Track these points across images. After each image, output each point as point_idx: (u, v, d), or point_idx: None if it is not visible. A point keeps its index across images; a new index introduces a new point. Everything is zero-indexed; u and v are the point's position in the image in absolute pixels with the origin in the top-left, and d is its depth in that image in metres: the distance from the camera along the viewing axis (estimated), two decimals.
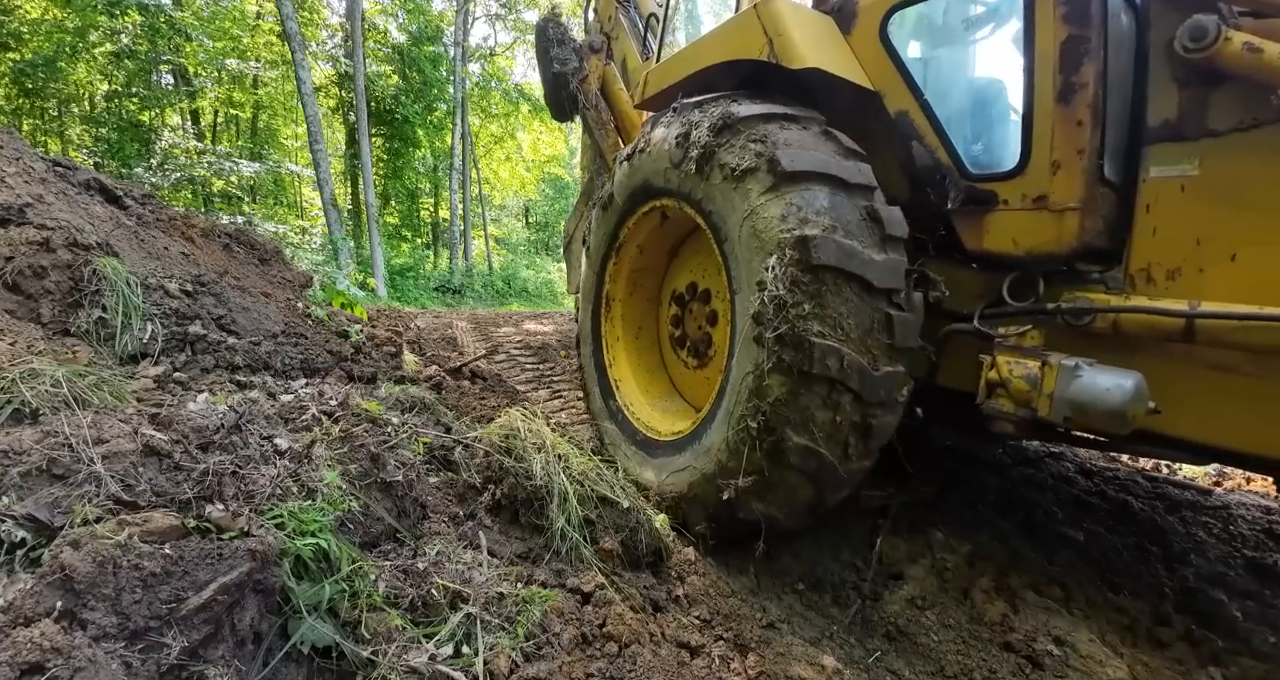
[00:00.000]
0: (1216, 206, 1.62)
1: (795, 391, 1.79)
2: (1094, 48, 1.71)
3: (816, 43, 2.08)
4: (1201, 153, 1.64)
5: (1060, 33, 1.74)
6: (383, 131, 20.94)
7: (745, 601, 1.96)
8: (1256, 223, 1.54)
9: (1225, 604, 2.07)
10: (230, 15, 16.73)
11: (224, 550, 1.13)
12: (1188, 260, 1.67)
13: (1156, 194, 1.71)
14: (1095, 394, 1.60)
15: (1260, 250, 1.54)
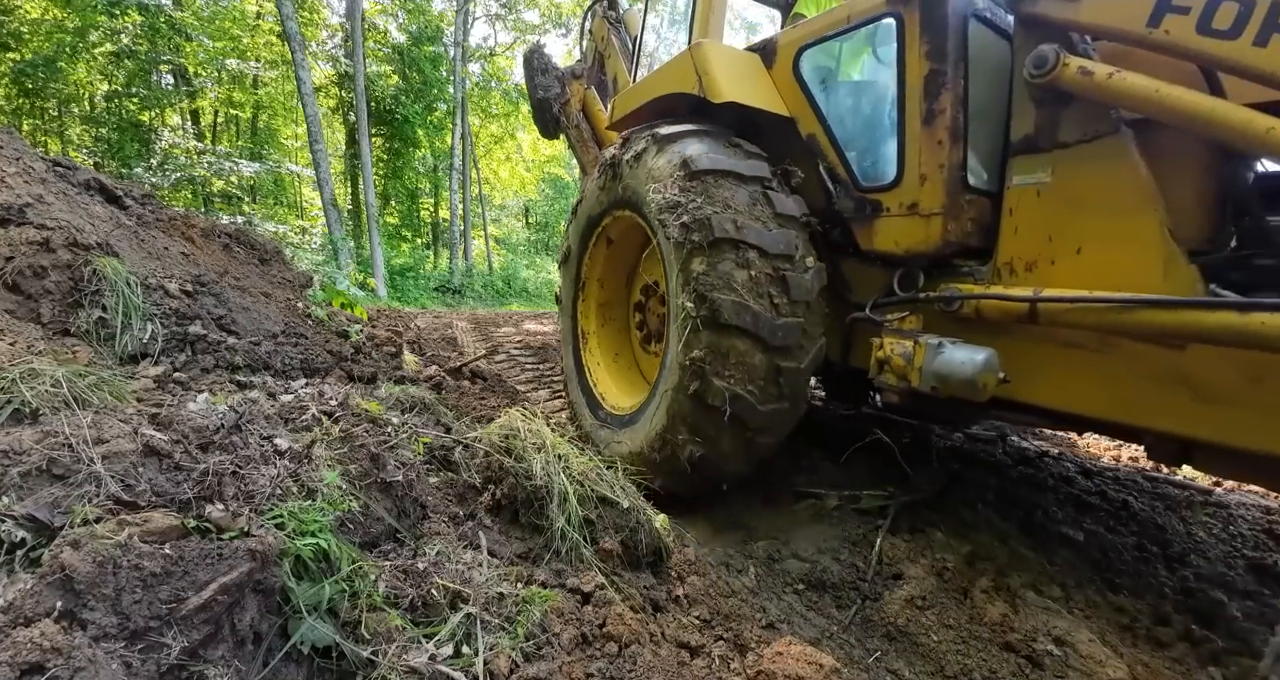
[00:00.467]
0: (1065, 208, 1.88)
1: (711, 342, 2.14)
2: (951, 80, 2.03)
3: (738, 79, 2.48)
4: (1054, 163, 1.90)
5: (923, 68, 2.07)
6: (383, 131, 20.95)
7: (745, 601, 1.96)
8: (1096, 221, 1.81)
9: (1225, 604, 2.07)
10: (230, 15, 16.74)
11: (224, 550, 1.13)
12: (1042, 254, 1.94)
13: (1018, 199, 1.99)
14: (953, 367, 1.89)
15: (1099, 244, 1.80)
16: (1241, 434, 1.56)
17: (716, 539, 2.44)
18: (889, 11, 2.17)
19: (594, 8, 4.53)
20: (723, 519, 2.61)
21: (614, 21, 4.38)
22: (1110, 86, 1.67)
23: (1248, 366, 1.52)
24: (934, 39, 2.06)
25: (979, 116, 2.12)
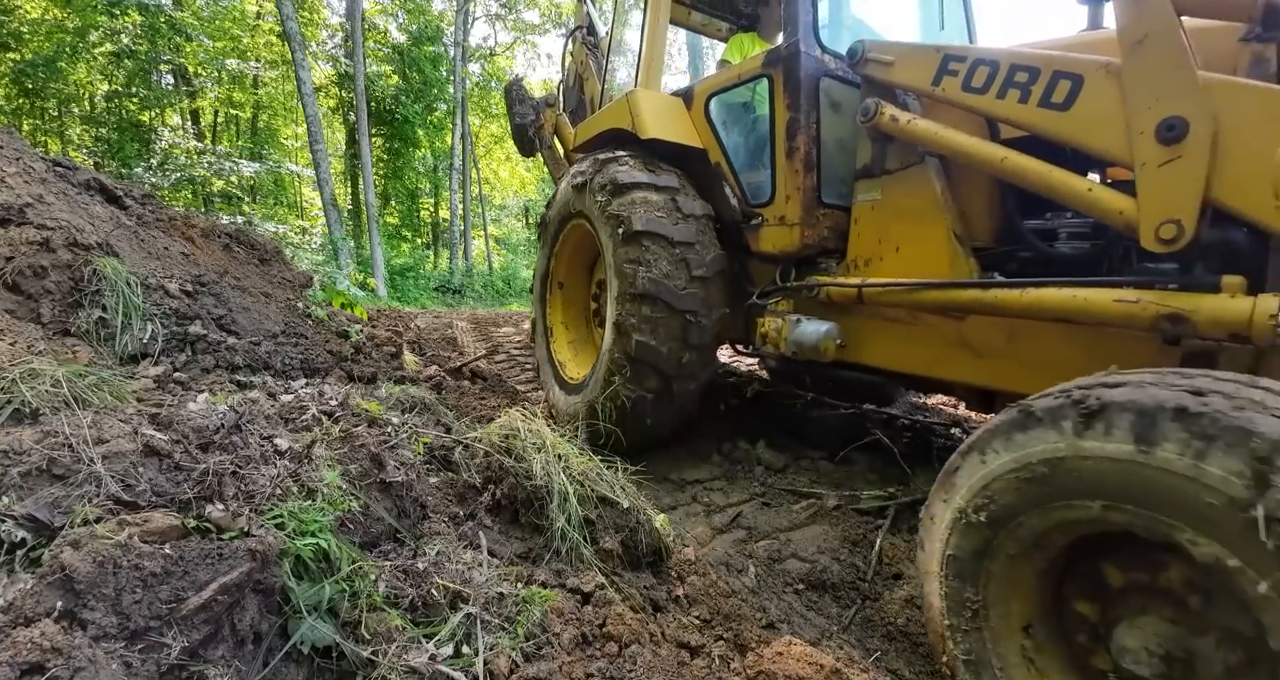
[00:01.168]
0: (889, 218, 2.46)
1: (632, 308, 2.75)
2: (805, 124, 2.63)
3: (661, 120, 3.13)
4: (882, 185, 2.48)
5: (785, 116, 2.68)
6: (383, 131, 20.95)
7: (745, 601, 1.96)
8: (908, 227, 2.38)
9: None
10: (230, 15, 16.74)
11: (224, 550, 1.13)
12: (875, 253, 2.52)
13: (859, 212, 2.58)
14: (805, 336, 2.56)
15: (910, 244, 2.37)
16: (1005, 379, 2.10)
17: (716, 539, 2.45)
18: (763, 72, 2.79)
19: (575, 33, 5.02)
20: (723, 519, 2.61)
21: (592, 46, 4.85)
22: (909, 129, 2.26)
23: (1005, 329, 2.07)
24: (792, 95, 2.65)
25: (837, 149, 2.72)
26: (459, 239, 21.75)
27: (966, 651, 1.36)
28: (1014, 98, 1.94)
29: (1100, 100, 1.76)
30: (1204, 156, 1.53)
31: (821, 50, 2.69)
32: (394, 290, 16.08)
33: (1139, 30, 1.63)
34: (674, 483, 2.99)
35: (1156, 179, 1.62)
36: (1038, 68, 1.90)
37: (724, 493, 2.88)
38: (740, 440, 3.39)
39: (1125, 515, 1.09)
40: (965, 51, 2.11)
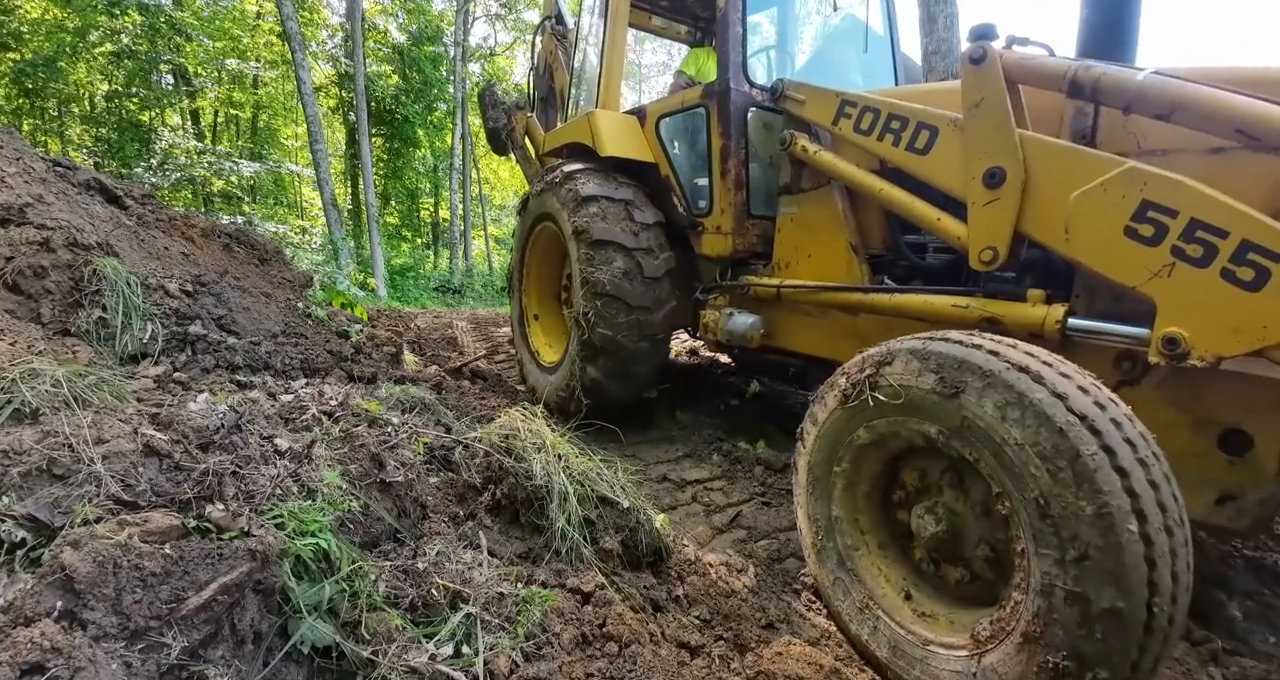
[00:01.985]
0: (803, 229, 2.91)
1: (593, 304, 3.18)
2: (734, 150, 3.07)
3: (617, 138, 3.54)
4: (799, 201, 2.92)
5: (719, 142, 3.11)
6: (383, 131, 20.94)
7: (745, 601, 1.96)
8: (816, 238, 2.82)
9: (1225, 604, 2.07)
10: (230, 15, 16.74)
11: (224, 550, 1.13)
12: (793, 258, 2.96)
13: (782, 223, 3.02)
14: (734, 326, 3.06)
15: (818, 252, 2.82)
16: None
17: (716, 539, 2.45)
18: (701, 103, 3.24)
19: (544, 24, 5.24)
20: (723, 519, 2.61)
21: (561, 37, 5.03)
22: (815, 159, 2.72)
23: (885, 323, 2.43)
24: (724, 125, 3.07)
25: (765, 168, 3.16)
26: (459, 239, 21.75)
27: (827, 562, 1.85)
28: (889, 140, 2.35)
29: (949, 149, 2.15)
30: (1016, 198, 1.91)
31: (750, 85, 3.11)
32: (394, 290, 16.08)
33: (976, 95, 2.01)
34: (674, 483, 2.99)
35: (981, 215, 2.01)
36: (907, 118, 2.30)
37: (724, 493, 2.88)
38: (740, 440, 3.39)
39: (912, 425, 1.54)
40: (857, 98, 2.51)
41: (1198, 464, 1.68)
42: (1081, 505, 1.22)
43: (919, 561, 1.72)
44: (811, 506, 1.87)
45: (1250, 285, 1.46)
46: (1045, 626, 1.28)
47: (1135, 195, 1.65)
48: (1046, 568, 1.28)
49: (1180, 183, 1.60)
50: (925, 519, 1.63)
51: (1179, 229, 1.58)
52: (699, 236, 3.36)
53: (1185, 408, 1.71)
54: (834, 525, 1.82)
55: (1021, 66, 1.97)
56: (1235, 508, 1.63)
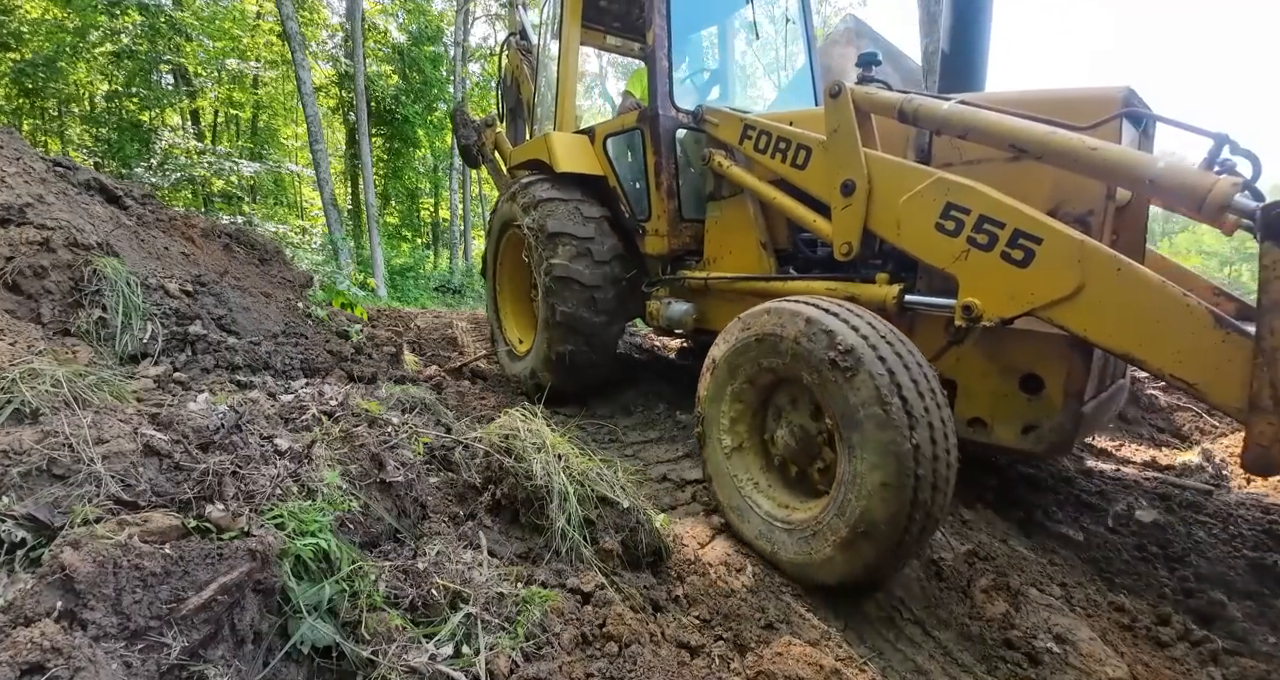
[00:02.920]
0: (725, 230, 3.45)
1: (553, 287, 3.68)
2: (665, 165, 3.63)
3: (571, 155, 4.02)
4: (721, 206, 3.46)
5: (653, 159, 3.66)
6: (383, 131, 20.92)
7: (745, 601, 1.96)
8: (734, 237, 3.36)
9: (1225, 604, 2.07)
10: (230, 15, 16.73)
11: (224, 550, 1.13)
12: (718, 254, 3.50)
13: (709, 225, 3.57)
14: (672, 313, 3.60)
15: (736, 249, 3.35)
16: None
17: (716, 539, 2.44)
18: (636, 126, 3.78)
19: (509, 39, 5.68)
20: (723, 519, 2.61)
21: (525, 51, 5.46)
22: (728, 172, 3.25)
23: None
24: (656, 145, 3.62)
25: (695, 178, 3.72)
26: (459, 239, 21.74)
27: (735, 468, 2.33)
28: (779, 158, 2.86)
29: (819, 165, 2.65)
30: (864, 203, 2.41)
31: (676, 110, 3.62)
32: (394, 290, 16.06)
33: (834, 122, 2.52)
34: (674, 483, 2.99)
35: (839, 217, 2.51)
36: (790, 140, 2.79)
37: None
38: None
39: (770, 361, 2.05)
40: (755, 122, 3.01)
41: (1007, 403, 2.20)
42: (856, 392, 1.74)
43: (779, 467, 2.27)
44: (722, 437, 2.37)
45: (1021, 263, 1.92)
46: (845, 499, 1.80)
47: (942, 198, 2.12)
48: (846, 452, 1.79)
49: (972, 188, 2.05)
50: (783, 433, 2.16)
51: (971, 223, 2.03)
52: (643, 238, 3.90)
53: (995, 359, 2.22)
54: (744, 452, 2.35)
55: (867, 99, 2.46)
56: (1035, 435, 2.15)
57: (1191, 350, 1.61)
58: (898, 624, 1.96)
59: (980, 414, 2.26)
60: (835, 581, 1.92)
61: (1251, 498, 2.99)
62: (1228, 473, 3.30)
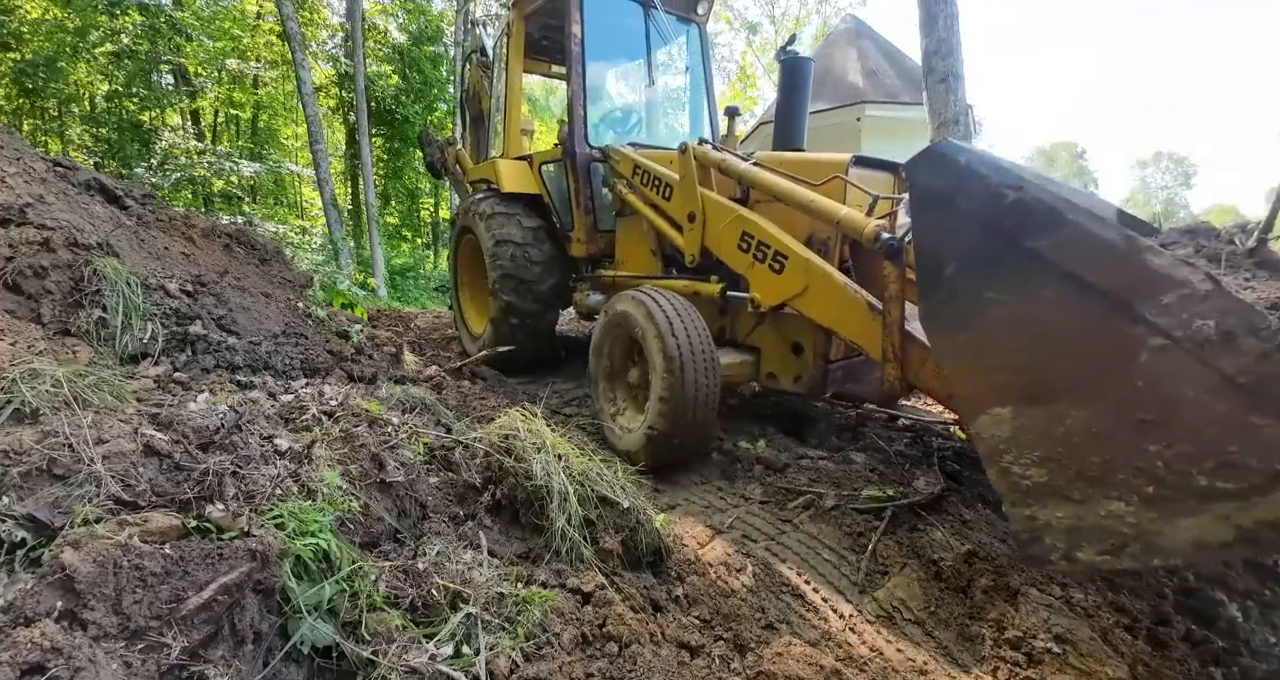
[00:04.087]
0: (626, 240, 4.33)
1: (500, 281, 4.53)
2: (583, 189, 4.45)
3: (513, 178, 4.86)
4: (623, 222, 4.34)
5: (574, 184, 4.51)
6: (383, 131, 20.89)
7: (745, 601, 1.96)
8: (634, 244, 4.24)
9: (1225, 604, 2.06)
10: (230, 15, 16.72)
11: (224, 550, 1.13)
12: (624, 258, 4.38)
13: (617, 236, 4.44)
14: (591, 302, 4.48)
15: (636, 254, 4.24)
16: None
17: (716, 539, 2.45)
18: (561, 158, 4.64)
19: (470, 57, 6.34)
20: (723, 519, 2.61)
21: (485, 67, 6.14)
22: (625, 197, 4.09)
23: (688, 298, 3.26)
24: (574, 173, 4.49)
25: (608, 199, 4.49)
26: None
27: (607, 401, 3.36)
28: (654, 191, 3.79)
29: (678, 198, 3.57)
30: (700, 228, 3.36)
31: (590, 147, 4.44)
32: (394, 290, 16.06)
33: (683, 170, 3.46)
34: (674, 483, 2.99)
35: (687, 237, 3.47)
36: (660, 178, 3.74)
37: (724, 492, 2.88)
38: (740, 440, 3.39)
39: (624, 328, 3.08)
40: (640, 162, 3.91)
41: (786, 362, 3.17)
42: (650, 344, 2.86)
43: (632, 396, 3.28)
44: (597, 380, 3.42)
45: (778, 272, 2.86)
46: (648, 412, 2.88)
47: (739, 228, 3.08)
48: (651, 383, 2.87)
49: (754, 221, 3.01)
50: (632, 373, 3.23)
51: (754, 245, 2.98)
52: (569, 244, 4.78)
53: (779, 333, 3.19)
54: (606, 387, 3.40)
55: (703, 156, 3.38)
56: (801, 383, 3.11)
57: (859, 326, 2.46)
58: (898, 624, 1.96)
59: (772, 370, 3.25)
60: (645, 463, 2.85)
61: None
62: None
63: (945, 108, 6.65)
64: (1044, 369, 1.55)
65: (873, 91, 12.93)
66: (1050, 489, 1.53)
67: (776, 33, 31.48)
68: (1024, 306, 1.58)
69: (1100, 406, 1.46)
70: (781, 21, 31.24)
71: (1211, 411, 1.30)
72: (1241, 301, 1.30)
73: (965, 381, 1.73)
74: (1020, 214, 1.55)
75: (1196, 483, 1.32)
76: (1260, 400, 1.25)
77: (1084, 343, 1.49)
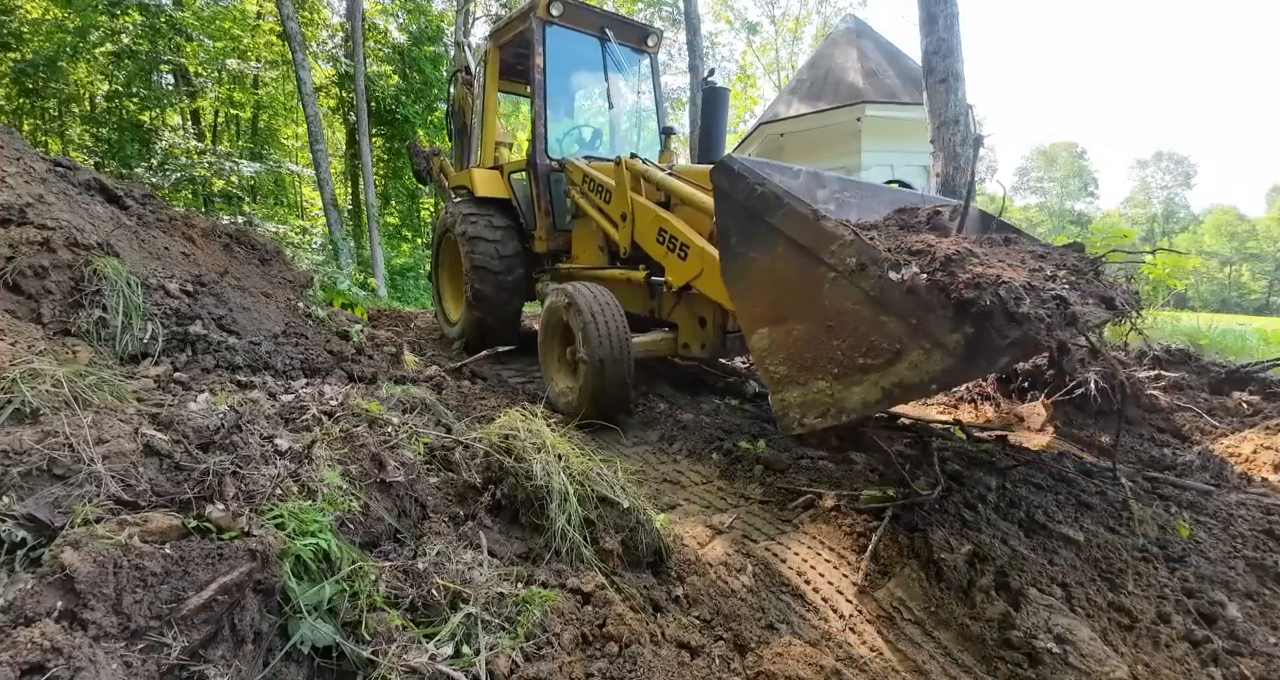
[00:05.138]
0: (580, 238, 5.15)
1: (473, 273, 5.25)
2: (543, 195, 5.26)
3: (486, 185, 5.64)
4: (577, 223, 5.15)
5: (535, 190, 5.30)
6: (383, 131, 20.89)
7: (745, 601, 1.96)
8: (586, 242, 5.03)
9: (1225, 604, 2.06)
10: (230, 15, 16.72)
11: (224, 550, 1.13)
12: (578, 253, 5.19)
13: (574, 234, 5.24)
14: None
15: (587, 250, 5.02)
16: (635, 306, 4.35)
17: (716, 539, 2.45)
18: (525, 168, 5.42)
19: (456, 75, 7.06)
20: (723, 519, 2.61)
21: (469, 84, 6.71)
22: (577, 200, 4.80)
23: (627, 286, 4.31)
24: (536, 182, 5.27)
25: (564, 203, 5.21)
26: None
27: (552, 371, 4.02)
28: (598, 196, 4.47)
29: (614, 202, 4.23)
30: (630, 226, 4.03)
31: (549, 159, 5.20)
32: (394, 290, 16.06)
33: (618, 178, 4.15)
34: (674, 483, 2.99)
35: (620, 234, 4.15)
36: (602, 185, 4.37)
37: (724, 492, 2.88)
38: (740, 440, 3.39)
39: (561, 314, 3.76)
40: (588, 172, 4.58)
41: (695, 334, 3.87)
42: (577, 324, 3.54)
43: (572, 367, 3.76)
44: (544, 354, 4.07)
45: (683, 259, 3.56)
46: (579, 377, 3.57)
47: (657, 225, 3.78)
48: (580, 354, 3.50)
49: (667, 220, 3.72)
50: (567, 349, 3.78)
51: (668, 239, 3.69)
52: (533, 241, 5.54)
53: (690, 310, 3.90)
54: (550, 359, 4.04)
55: (631, 167, 4.07)
56: (707, 349, 3.82)
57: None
58: (898, 624, 1.96)
59: (686, 340, 3.94)
60: (579, 417, 3.41)
61: (1251, 498, 2.99)
62: (1228, 473, 3.30)
63: (945, 108, 6.65)
64: (781, 300, 2.28)
65: (873, 91, 12.91)
66: (788, 378, 2.24)
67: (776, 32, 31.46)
68: (768, 260, 2.32)
69: (808, 321, 2.16)
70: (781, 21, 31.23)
71: (860, 316, 1.97)
72: (868, 244, 1.96)
73: (744, 313, 2.47)
74: (762, 200, 2.30)
75: (857, 362, 2.00)
76: (884, 306, 1.90)
77: (798, 280, 2.19)
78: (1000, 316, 1.64)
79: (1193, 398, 4.18)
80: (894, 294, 1.85)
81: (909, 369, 1.85)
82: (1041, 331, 1.65)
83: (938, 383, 1.82)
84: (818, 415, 2.13)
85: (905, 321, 1.84)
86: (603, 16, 5.62)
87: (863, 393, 1.97)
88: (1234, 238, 64.90)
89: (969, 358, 1.72)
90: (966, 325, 1.69)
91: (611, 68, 5.64)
